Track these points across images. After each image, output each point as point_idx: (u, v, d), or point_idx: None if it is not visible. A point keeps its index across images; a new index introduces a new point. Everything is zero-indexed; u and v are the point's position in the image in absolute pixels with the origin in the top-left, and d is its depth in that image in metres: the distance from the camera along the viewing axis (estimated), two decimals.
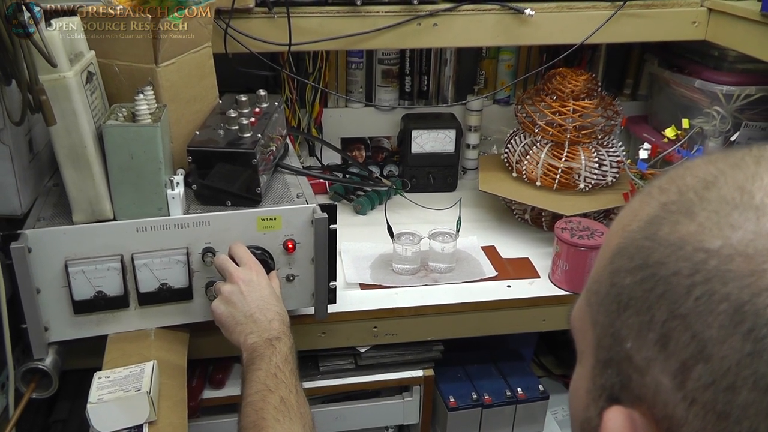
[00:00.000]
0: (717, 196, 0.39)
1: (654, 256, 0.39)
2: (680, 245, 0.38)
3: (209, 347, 1.19)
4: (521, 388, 1.41)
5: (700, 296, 0.36)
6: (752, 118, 1.46)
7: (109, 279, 1.01)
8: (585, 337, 0.46)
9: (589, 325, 0.45)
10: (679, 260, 0.38)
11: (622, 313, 0.41)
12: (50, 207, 1.04)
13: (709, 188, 0.40)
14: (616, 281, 0.42)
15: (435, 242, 1.34)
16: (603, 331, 0.43)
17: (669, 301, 0.38)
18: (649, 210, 0.42)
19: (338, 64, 1.66)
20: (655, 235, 0.40)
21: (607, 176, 1.45)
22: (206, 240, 1.05)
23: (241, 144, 1.06)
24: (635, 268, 0.40)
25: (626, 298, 0.41)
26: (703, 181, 0.40)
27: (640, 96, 1.82)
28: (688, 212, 0.39)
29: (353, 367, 1.31)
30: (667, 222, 0.40)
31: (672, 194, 0.41)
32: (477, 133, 1.73)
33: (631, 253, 0.41)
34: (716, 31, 1.38)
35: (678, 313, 0.37)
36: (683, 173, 0.42)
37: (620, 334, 0.41)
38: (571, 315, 0.49)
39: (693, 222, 0.39)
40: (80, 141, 0.95)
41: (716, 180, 0.40)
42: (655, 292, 0.39)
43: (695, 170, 0.42)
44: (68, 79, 0.92)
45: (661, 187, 0.43)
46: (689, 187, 0.41)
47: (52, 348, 1.03)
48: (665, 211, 0.41)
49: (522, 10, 1.32)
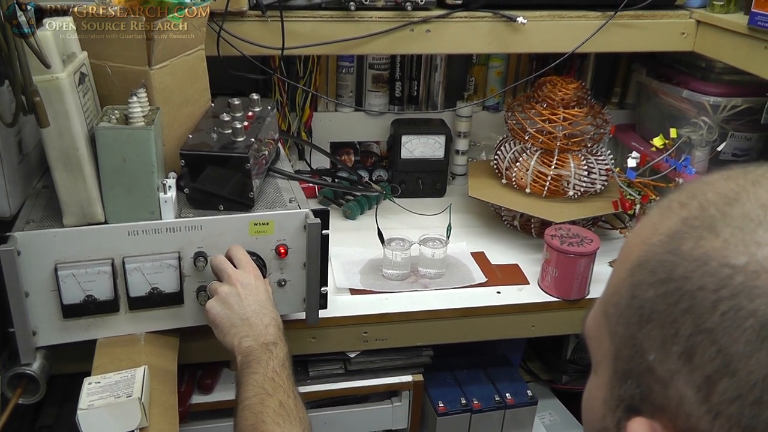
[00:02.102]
0: (740, 212, 0.40)
1: (678, 270, 0.40)
2: (705, 260, 0.39)
3: (198, 352, 1.18)
4: (510, 393, 1.41)
5: (727, 311, 0.37)
6: (738, 129, 1.48)
7: (99, 283, 1.00)
8: (601, 347, 0.47)
9: (606, 336, 0.46)
10: (704, 275, 0.38)
11: (644, 325, 0.41)
12: (40, 209, 1.03)
13: (732, 205, 0.40)
14: (638, 294, 0.42)
15: (425, 248, 1.34)
16: (622, 342, 0.43)
17: (694, 315, 0.38)
18: (670, 224, 0.42)
19: (329, 69, 1.66)
20: (678, 249, 0.41)
21: (596, 184, 1.46)
22: (198, 244, 1.04)
23: (235, 148, 1.06)
24: (658, 282, 0.41)
25: (648, 311, 0.41)
26: (725, 197, 0.41)
27: (627, 105, 1.84)
28: (711, 228, 0.40)
29: (343, 373, 1.31)
30: (690, 237, 0.40)
31: (693, 209, 0.42)
32: (466, 139, 1.74)
33: (653, 266, 0.42)
34: (704, 42, 1.40)
35: (704, 328, 0.38)
36: (703, 188, 0.43)
37: (642, 346, 0.41)
38: (585, 323, 0.50)
39: (717, 238, 0.39)
40: (72, 143, 0.94)
41: (738, 197, 0.40)
42: (679, 306, 0.39)
43: (715, 186, 0.42)
44: (61, 80, 0.91)
45: (681, 201, 0.43)
46: (711, 203, 0.41)
47: (40, 353, 1.02)
48: (687, 226, 0.41)
49: (514, 19, 1.33)
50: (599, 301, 0.49)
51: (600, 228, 1.55)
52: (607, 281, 0.48)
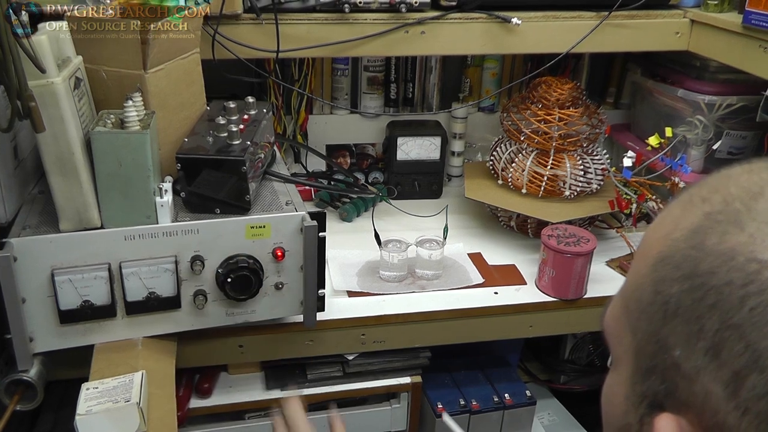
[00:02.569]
0: (765, 207, 0.39)
1: (703, 265, 0.40)
2: (731, 255, 0.39)
3: (196, 356, 1.18)
4: (508, 393, 1.41)
5: (755, 306, 0.37)
6: (733, 127, 1.48)
7: (96, 288, 0.99)
8: (621, 343, 0.46)
9: (627, 331, 0.45)
10: (731, 270, 0.38)
11: (669, 321, 0.41)
12: (36, 215, 1.03)
13: (757, 199, 0.40)
14: (662, 289, 0.42)
15: (422, 249, 1.34)
16: (646, 338, 0.43)
17: (721, 310, 0.38)
18: (693, 219, 0.42)
19: (324, 71, 1.66)
20: (702, 244, 0.40)
21: (592, 183, 1.46)
22: (195, 248, 1.04)
23: (231, 151, 1.05)
24: (683, 277, 0.41)
25: (674, 307, 0.41)
26: (748, 191, 0.41)
27: (622, 104, 1.84)
28: (736, 222, 0.40)
29: (341, 375, 1.31)
30: (715, 232, 0.40)
31: (716, 204, 0.42)
32: (462, 140, 1.74)
33: (677, 261, 0.41)
34: (698, 42, 1.40)
35: (731, 323, 0.38)
36: (726, 182, 0.43)
37: (667, 342, 0.41)
38: (604, 319, 0.49)
39: (743, 232, 0.39)
40: (68, 148, 0.94)
41: (763, 190, 0.40)
42: (705, 301, 0.39)
43: (738, 180, 0.42)
44: (56, 85, 0.91)
45: (702, 196, 0.43)
46: (734, 197, 0.41)
47: (37, 359, 1.01)
48: (711, 221, 0.41)
49: (509, 20, 1.33)
50: (618, 296, 0.48)
51: (597, 227, 1.55)
52: (626, 276, 0.48)
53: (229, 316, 1.10)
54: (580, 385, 1.68)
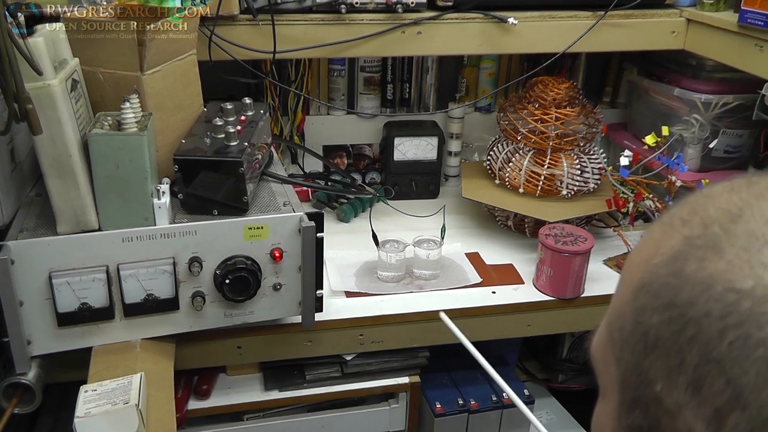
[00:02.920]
0: (745, 230, 0.38)
1: (682, 294, 0.38)
2: (709, 284, 0.37)
3: (194, 357, 1.18)
4: None
5: (734, 340, 0.35)
6: (730, 126, 1.49)
7: (94, 290, 0.99)
8: (607, 372, 0.44)
9: (612, 361, 0.44)
10: (709, 301, 0.36)
11: (649, 353, 0.39)
12: (33, 218, 1.02)
13: (736, 222, 0.38)
14: (642, 319, 0.40)
15: (420, 249, 1.34)
16: (629, 369, 0.41)
17: (700, 344, 0.36)
18: (673, 243, 0.40)
19: (320, 72, 1.66)
20: (681, 271, 0.39)
21: (589, 183, 1.46)
22: (193, 250, 1.04)
23: (228, 152, 1.05)
24: (662, 307, 0.39)
25: (653, 339, 0.39)
26: (728, 213, 0.39)
27: (619, 104, 1.84)
28: (715, 248, 0.38)
29: (339, 375, 1.31)
30: (693, 258, 0.38)
31: (695, 227, 0.40)
32: (458, 140, 1.74)
33: (656, 290, 0.40)
34: (694, 41, 1.40)
35: (711, 357, 0.36)
36: (705, 203, 0.41)
37: (648, 375, 0.39)
38: (591, 345, 0.47)
39: (721, 259, 0.37)
40: (65, 150, 0.94)
41: (742, 213, 0.39)
42: (685, 334, 0.37)
43: (718, 200, 0.41)
44: (53, 87, 0.91)
45: (682, 218, 0.41)
46: (713, 220, 0.39)
47: (35, 362, 1.01)
48: (690, 246, 0.39)
49: (505, 20, 1.33)
50: (604, 322, 0.46)
51: (594, 226, 1.56)
52: (611, 301, 0.46)
53: (228, 318, 1.10)
54: (578, 384, 1.69)
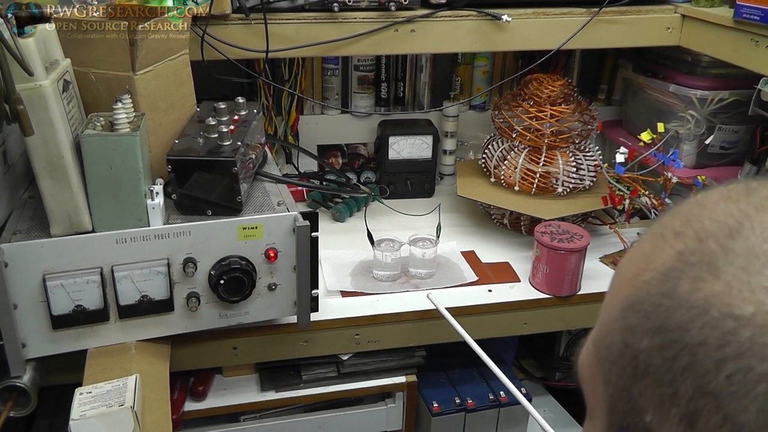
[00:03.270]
0: (744, 247, 0.34)
1: (674, 318, 0.35)
2: (705, 308, 0.34)
3: (190, 359, 1.17)
4: (504, 391, 1.41)
5: (733, 373, 0.32)
6: (726, 122, 1.49)
7: (88, 292, 0.99)
8: (595, 392, 0.41)
9: (600, 382, 0.40)
10: (705, 327, 0.33)
11: (639, 380, 0.36)
12: (26, 220, 1.02)
13: (734, 236, 0.35)
14: (631, 342, 0.37)
15: (415, 248, 1.34)
16: (617, 393, 0.38)
17: (695, 374, 0.33)
18: (664, 258, 0.37)
19: (314, 71, 1.65)
20: (673, 292, 0.35)
21: (585, 180, 1.46)
22: (187, 250, 1.03)
23: (221, 152, 1.05)
24: (653, 330, 0.36)
25: (644, 365, 0.36)
26: (724, 226, 0.36)
27: (614, 101, 1.84)
28: (711, 266, 0.35)
29: (336, 375, 1.30)
30: (687, 277, 0.35)
31: (690, 241, 0.37)
32: (453, 138, 1.74)
33: (647, 310, 0.37)
34: (690, 36, 1.40)
35: (707, 390, 0.33)
36: (700, 213, 0.38)
37: (638, 403, 0.37)
38: (578, 362, 0.45)
39: (718, 280, 0.34)
40: (57, 151, 0.93)
41: (741, 227, 0.35)
42: (678, 362, 0.34)
43: (714, 211, 0.37)
44: (44, 87, 0.90)
45: (675, 230, 0.38)
46: (709, 234, 0.36)
47: (30, 365, 1.00)
48: (683, 263, 0.36)
49: (499, 17, 1.33)
50: (591, 338, 0.43)
51: (590, 224, 1.55)
52: (599, 315, 0.42)
53: (223, 318, 1.09)
54: (576, 381, 1.68)
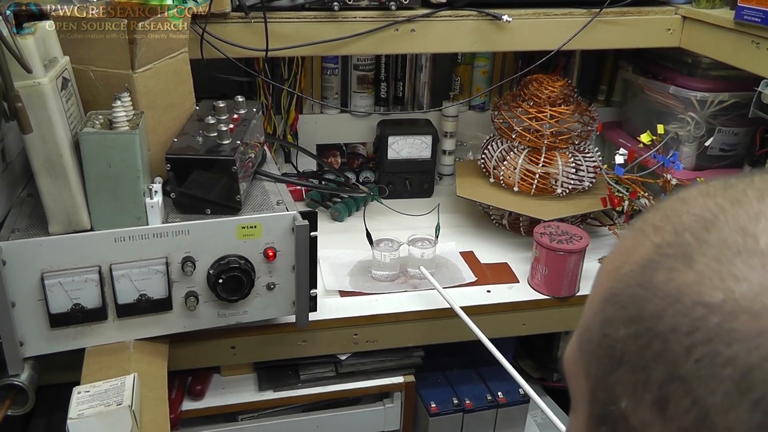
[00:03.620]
0: (717, 238, 0.35)
1: (649, 307, 0.36)
2: (677, 297, 0.34)
3: (188, 358, 1.17)
4: (502, 392, 1.41)
5: (701, 358, 0.33)
6: (725, 124, 1.48)
7: (86, 291, 0.98)
8: (578, 386, 0.42)
9: (582, 375, 0.41)
10: (676, 315, 0.34)
11: (616, 368, 0.37)
12: (25, 218, 1.01)
13: (709, 229, 0.36)
14: (609, 332, 0.38)
15: (414, 248, 1.34)
16: (596, 384, 0.39)
17: (667, 360, 0.34)
18: (643, 252, 0.38)
19: (313, 70, 1.65)
20: (650, 282, 0.36)
21: (584, 181, 1.46)
22: (186, 249, 1.03)
23: (221, 151, 1.05)
24: (629, 320, 0.37)
25: (620, 353, 0.37)
26: (701, 219, 0.37)
27: (614, 102, 1.84)
28: (685, 257, 0.35)
29: (334, 375, 1.30)
30: (663, 268, 0.36)
31: (667, 234, 0.38)
32: (453, 138, 1.74)
33: (624, 301, 0.38)
34: (690, 38, 1.40)
35: (677, 375, 0.34)
36: (679, 209, 0.39)
37: (614, 391, 0.37)
38: (564, 358, 0.45)
39: (691, 270, 0.35)
40: (56, 149, 0.93)
41: (716, 219, 0.36)
42: (651, 349, 0.35)
43: (692, 206, 0.38)
44: (43, 85, 0.90)
45: (655, 224, 0.39)
46: (686, 227, 0.37)
47: (28, 363, 1.00)
48: (660, 255, 0.37)
49: (499, 17, 1.33)
50: (576, 333, 0.44)
51: (589, 225, 1.55)
52: (584, 310, 0.43)
53: (221, 318, 1.09)
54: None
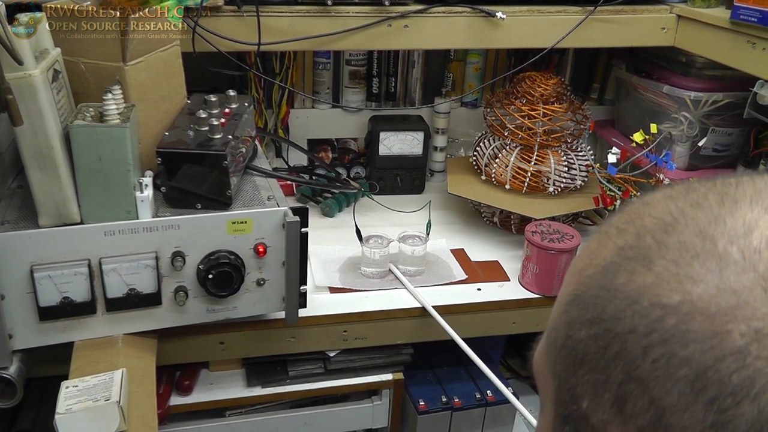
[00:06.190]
0: (676, 241, 0.36)
1: (609, 309, 0.36)
2: (636, 299, 0.35)
3: (176, 353, 1.16)
4: (490, 390, 1.41)
5: (658, 358, 0.34)
6: (719, 124, 1.48)
7: (76, 284, 0.98)
8: (546, 386, 0.43)
9: (549, 375, 0.42)
10: (635, 316, 0.35)
11: (578, 369, 0.38)
12: (15, 210, 1.00)
13: (669, 232, 0.36)
14: (571, 333, 0.39)
15: (405, 245, 1.33)
16: (560, 384, 0.40)
17: (625, 361, 0.35)
18: (606, 254, 0.39)
19: (305, 65, 1.64)
20: (610, 284, 0.37)
21: (576, 180, 1.46)
22: (176, 244, 1.02)
23: (212, 145, 1.04)
24: (590, 321, 0.37)
25: (581, 354, 0.38)
26: (661, 222, 0.37)
27: (607, 100, 1.84)
28: (645, 260, 0.36)
29: (322, 372, 1.30)
30: (624, 270, 0.37)
31: (629, 237, 0.38)
32: (444, 135, 1.73)
33: (586, 302, 0.38)
34: (685, 37, 1.40)
35: (635, 375, 0.34)
36: (642, 212, 0.39)
37: (576, 391, 0.38)
38: (533, 358, 0.46)
39: (650, 272, 0.35)
40: (46, 142, 0.92)
41: (676, 222, 0.37)
42: (610, 349, 0.36)
43: (654, 209, 0.39)
44: (34, 77, 0.88)
45: (618, 227, 0.40)
46: (647, 230, 0.38)
47: (17, 356, 0.99)
48: (622, 257, 0.38)
49: (493, 14, 1.32)
50: (544, 334, 0.45)
51: (580, 224, 1.55)
52: (552, 311, 0.44)
53: (210, 313, 1.09)
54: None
